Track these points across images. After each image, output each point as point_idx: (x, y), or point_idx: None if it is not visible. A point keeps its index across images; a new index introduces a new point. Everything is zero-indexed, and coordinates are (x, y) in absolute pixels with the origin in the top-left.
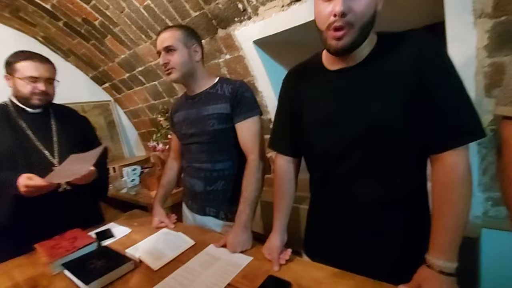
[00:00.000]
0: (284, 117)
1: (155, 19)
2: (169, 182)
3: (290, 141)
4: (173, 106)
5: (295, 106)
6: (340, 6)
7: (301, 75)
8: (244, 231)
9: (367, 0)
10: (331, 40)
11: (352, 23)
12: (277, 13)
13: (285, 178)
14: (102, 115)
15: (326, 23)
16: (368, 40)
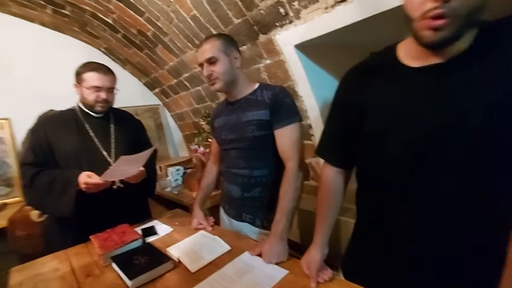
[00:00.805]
0: (337, 123)
1: (200, 28)
2: (208, 185)
3: (342, 150)
4: (214, 111)
5: (355, 110)
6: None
7: (365, 73)
8: (280, 242)
9: None
10: (426, 30)
11: (456, 9)
12: (320, 15)
13: (332, 190)
14: (152, 117)
15: (421, 10)
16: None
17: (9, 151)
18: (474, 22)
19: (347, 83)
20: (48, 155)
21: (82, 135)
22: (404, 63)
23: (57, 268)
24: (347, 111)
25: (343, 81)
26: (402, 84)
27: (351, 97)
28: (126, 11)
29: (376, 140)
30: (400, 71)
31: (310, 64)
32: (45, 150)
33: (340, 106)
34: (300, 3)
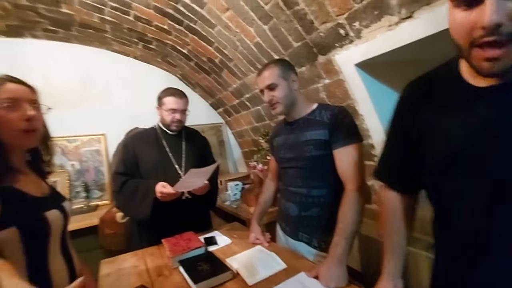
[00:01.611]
0: (396, 142)
1: (262, 53)
2: (266, 201)
3: (403, 172)
4: (273, 131)
5: (415, 130)
6: (491, 14)
7: (426, 89)
8: (339, 265)
9: None
10: (481, 61)
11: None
12: (383, 33)
13: (394, 215)
14: (215, 135)
15: (469, 38)
16: None
17: (103, 161)
18: None
19: (407, 99)
20: (135, 166)
21: (160, 150)
22: (469, 81)
23: (135, 265)
24: (407, 130)
25: (403, 96)
26: (465, 105)
27: (411, 115)
28: (199, 43)
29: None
30: (462, 90)
31: (372, 82)
32: (133, 161)
33: (400, 124)
34: (361, 23)
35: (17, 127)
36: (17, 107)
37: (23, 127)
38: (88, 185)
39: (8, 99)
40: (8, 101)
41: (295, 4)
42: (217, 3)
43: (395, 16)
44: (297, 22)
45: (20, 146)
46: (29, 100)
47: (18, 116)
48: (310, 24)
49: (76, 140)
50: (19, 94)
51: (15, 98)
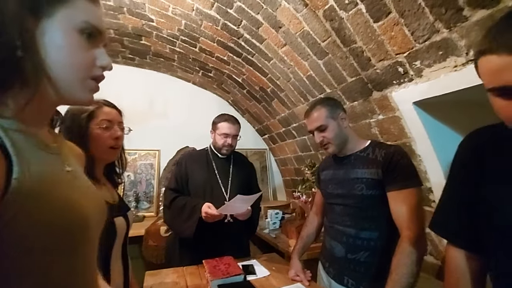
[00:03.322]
0: (455, 196)
1: (314, 86)
2: (309, 235)
3: (466, 227)
4: (322, 164)
5: (479, 188)
6: None
7: (489, 144)
8: None
9: None
10: None
11: None
12: (448, 73)
13: (460, 278)
14: (258, 160)
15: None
16: None
17: (155, 175)
18: None
19: (468, 151)
20: (185, 184)
21: (209, 171)
22: None
23: (176, 282)
24: (470, 185)
25: (463, 147)
26: None
27: (470, 168)
28: (254, 73)
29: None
30: None
31: (432, 122)
32: (184, 179)
33: (459, 176)
34: (423, 63)
35: (107, 144)
36: (110, 128)
37: (111, 144)
38: (139, 196)
39: (105, 121)
40: (106, 123)
41: (353, 42)
42: (276, 39)
43: (461, 57)
44: (353, 59)
45: (106, 160)
46: (118, 122)
47: (109, 135)
48: (366, 61)
49: (135, 153)
50: (112, 117)
51: (110, 120)
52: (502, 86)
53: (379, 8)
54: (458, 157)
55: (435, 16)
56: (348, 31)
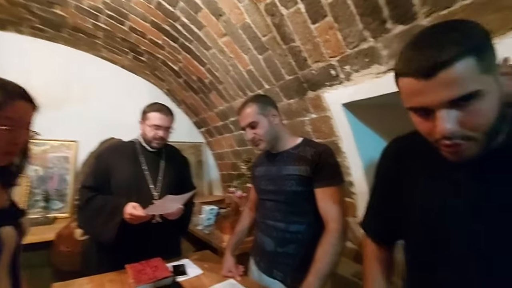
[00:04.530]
0: (380, 197)
1: (253, 80)
2: (243, 231)
3: (386, 226)
4: (256, 160)
5: (397, 189)
6: (443, 128)
7: (408, 151)
8: None
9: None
10: (446, 153)
11: (469, 136)
12: (371, 79)
13: (375, 265)
14: (194, 154)
15: (431, 137)
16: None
17: (70, 170)
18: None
19: (389, 157)
20: (105, 181)
21: (136, 166)
22: None
23: None
24: (389, 187)
25: (385, 155)
26: (440, 174)
27: (390, 173)
28: (191, 62)
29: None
30: (439, 157)
31: (356, 123)
32: (104, 176)
33: (381, 180)
34: (352, 68)
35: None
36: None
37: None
38: (49, 195)
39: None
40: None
41: (292, 41)
42: (216, 27)
43: (383, 66)
44: (292, 57)
45: None
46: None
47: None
48: (303, 61)
49: (45, 144)
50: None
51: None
52: (418, 107)
53: (316, 10)
54: (382, 162)
55: (364, 25)
56: (288, 29)
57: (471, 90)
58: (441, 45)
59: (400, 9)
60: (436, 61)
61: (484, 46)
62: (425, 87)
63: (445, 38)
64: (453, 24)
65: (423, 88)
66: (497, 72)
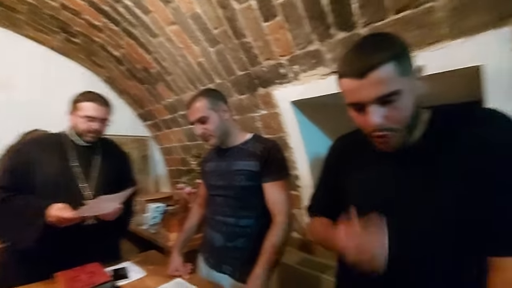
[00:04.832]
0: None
1: (204, 73)
2: (192, 228)
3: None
4: (206, 155)
5: (340, 179)
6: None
7: (349, 145)
8: None
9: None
10: (377, 144)
11: (393, 128)
12: (317, 80)
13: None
14: (138, 148)
15: (363, 129)
16: (419, 118)
17: None
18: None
19: (335, 151)
20: (27, 178)
21: (64, 163)
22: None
23: None
24: (333, 180)
25: (332, 150)
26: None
27: (335, 169)
28: (135, 49)
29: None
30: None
31: (303, 120)
32: (24, 173)
33: (328, 173)
34: (300, 68)
35: None
36: None
37: None
38: None
39: None
40: None
41: (243, 36)
42: (163, 14)
43: (328, 68)
44: (243, 53)
45: None
46: None
47: None
48: (254, 58)
49: None
50: None
51: None
52: (355, 102)
53: (268, 9)
54: (328, 156)
55: (311, 28)
56: (240, 23)
57: (393, 89)
58: (371, 52)
59: (342, 17)
60: (366, 65)
61: (402, 54)
62: (359, 86)
63: (374, 47)
64: (380, 36)
65: (357, 86)
66: (413, 76)
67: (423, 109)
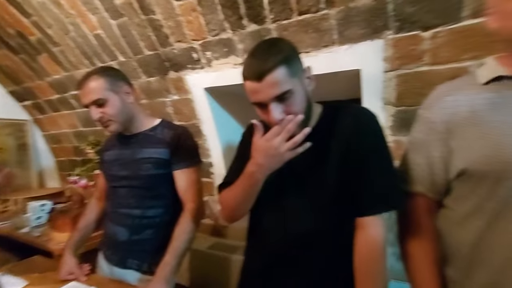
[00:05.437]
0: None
1: (103, 48)
2: (88, 225)
3: None
4: (106, 143)
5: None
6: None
7: None
8: (164, 285)
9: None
10: None
11: None
12: (230, 69)
13: None
14: (12, 135)
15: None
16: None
17: None
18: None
19: (247, 139)
20: None
21: None
22: None
23: None
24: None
25: (244, 133)
26: None
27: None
28: (7, 8)
29: None
30: None
31: (217, 107)
32: None
33: (241, 157)
34: (213, 55)
35: None
36: None
37: None
38: None
39: None
40: None
41: (152, 12)
42: None
43: (239, 58)
44: (152, 31)
45: None
46: None
47: None
48: (165, 38)
49: None
50: None
51: None
52: (257, 102)
53: None
54: (241, 141)
55: (224, 16)
56: None
57: (286, 89)
58: (265, 57)
59: (254, 10)
60: (262, 70)
61: (292, 57)
62: (258, 88)
63: (267, 53)
64: (273, 41)
65: (257, 88)
66: (302, 76)
67: (316, 104)
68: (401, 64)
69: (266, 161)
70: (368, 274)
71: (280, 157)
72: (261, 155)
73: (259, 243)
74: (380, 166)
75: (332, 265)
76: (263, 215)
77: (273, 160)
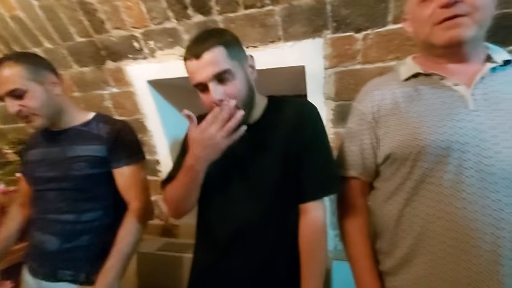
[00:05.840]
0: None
1: (24, 32)
2: (9, 236)
3: None
4: (29, 141)
5: None
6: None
7: None
8: None
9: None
10: None
11: None
12: (175, 60)
13: None
14: None
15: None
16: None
17: None
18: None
19: None
20: None
21: None
22: None
23: None
24: None
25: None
26: None
27: None
28: None
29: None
30: None
31: (162, 101)
32: None
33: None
34: (156, 44)
35: None
36: None
37: None
38: None
39: None
40: None
41: None
42: None
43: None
44: (84, 15)
45: None
46: None
47: None
48: (100, 24)
49: None
50: None
51: None
52: (197, 82)
53: None
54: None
55: (168, 4)
56: None
57: (224, 68)
58: (205, 39)
59: (200, 0)
60: (201, 48)
61: (231, 42)
62: (197, 66)
63: (207, 36)
64: (215, 29)
65: (196, 67)
66: (244, 63)
67: (262, 96)
68: (338, 62)
69: (203, 152)
70: (312, 252)
71: (217, 146)
72: (198, 146)
73: (206, 237)
74: (319, 156)
75: (278, 253)
76: (209, 209)
77: (210, 150)
